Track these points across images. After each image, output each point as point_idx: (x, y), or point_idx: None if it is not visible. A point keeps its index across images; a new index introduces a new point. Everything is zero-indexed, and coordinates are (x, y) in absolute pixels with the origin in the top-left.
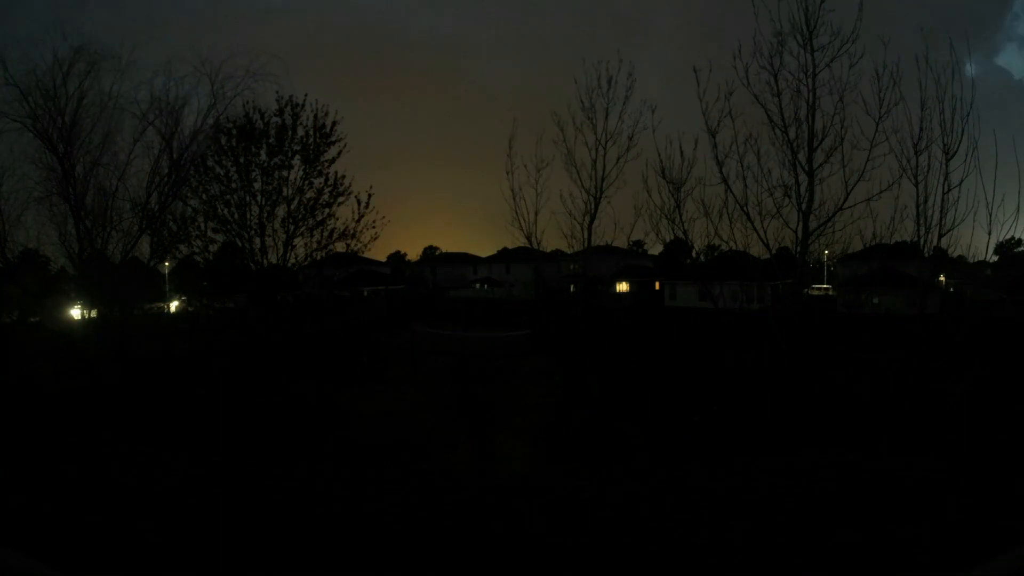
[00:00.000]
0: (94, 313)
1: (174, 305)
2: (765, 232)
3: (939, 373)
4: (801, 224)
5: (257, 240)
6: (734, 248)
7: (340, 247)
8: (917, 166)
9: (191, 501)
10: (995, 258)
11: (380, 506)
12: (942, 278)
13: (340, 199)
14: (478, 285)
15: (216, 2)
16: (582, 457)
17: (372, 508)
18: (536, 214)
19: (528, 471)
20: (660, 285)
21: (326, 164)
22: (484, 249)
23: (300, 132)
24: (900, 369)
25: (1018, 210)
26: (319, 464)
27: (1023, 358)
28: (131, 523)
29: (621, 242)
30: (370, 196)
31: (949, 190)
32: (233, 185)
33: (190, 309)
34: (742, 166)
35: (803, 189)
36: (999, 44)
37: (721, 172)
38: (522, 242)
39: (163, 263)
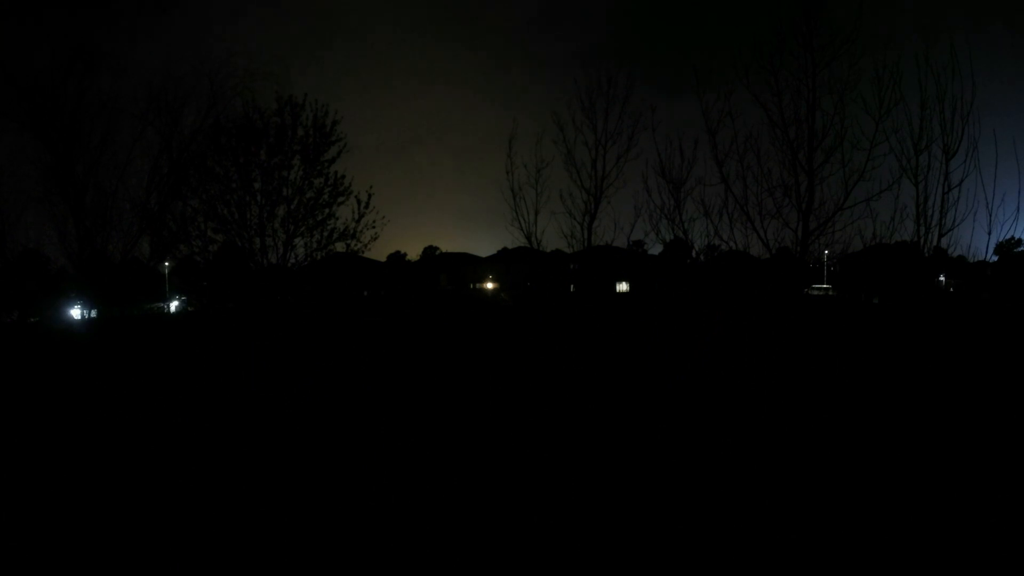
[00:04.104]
0: (94, 313)
1: (174, 305)
2: (765, 232)
3: None
4: (801, 224)
5: (257, 240)
6: (734, 248)
7: (340, 247)
8: (917, 166)
9: None
10: (995, 258)
11: None
12: (942, 278)
13: (340, 199)
14: (478, 284)
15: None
16: None
17: None
18: (536, 214)
19: None
20: (660, 286)
21: (326, 164)
22: (484, 249)
23: (300, 132)
24: None
25: (1018, 210)
26: None
27: None
28: None
29: (621, 242)
30: (370, 196)
31: (949, 190)
32: (233, 185)
33: (190, 309)
34: (742, 166)
35: (803, 189)
36: None
37: (721, 172)
38: (522, 242)
39: (163, 263)
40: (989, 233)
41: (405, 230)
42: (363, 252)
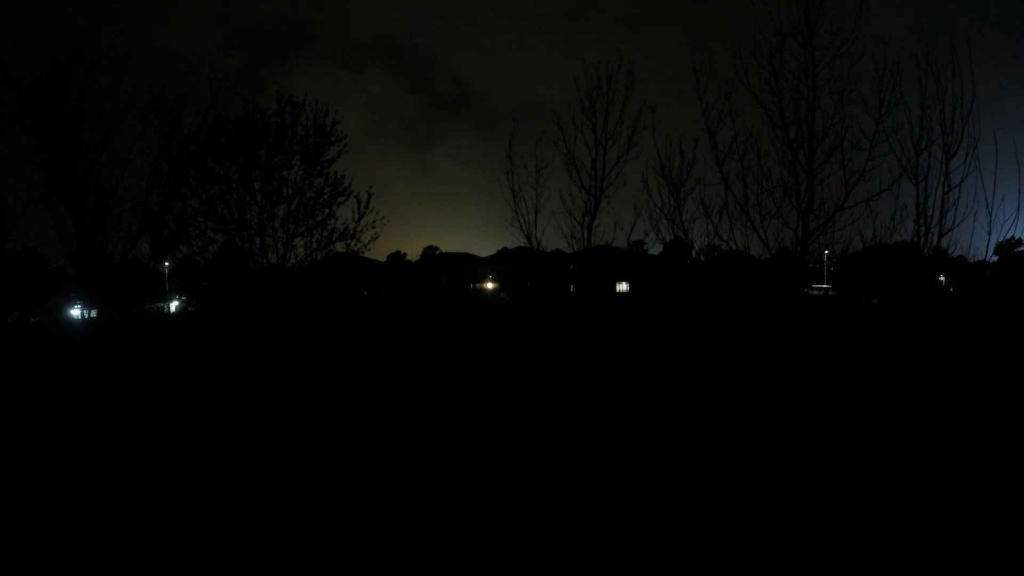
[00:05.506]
0: (94, 313)
1: (174, 305)
2: (765, 232)
3: None
4: (801, 224)
5: (257, 240)
6: (734, 248)
7: (340, 247)
8: (917, 166)
9: None
10: (995, 258)
11: None
12: (942, 278)
13: (340, 199)
14: (478, 284)
15: None
16: None
17: None
18: (536, 214)
19: None
20: (660, 286)
21: (326, 164)
22: (484, 249)
23: (300, 132)
24: None
25: (1018, 210)
26: None
27: None
28: None
29: (621, 242)
30: (370, 196)
31: (949, 190)
32: (233, 185)
33: (190, 309)
34: (742, 166)
35: (803, 189)
36: None
37: (721, 172)
38: (522, 242)
39: (163, 263)
40: (989, 233)
41: (405, 230)
42: (363, 252)
